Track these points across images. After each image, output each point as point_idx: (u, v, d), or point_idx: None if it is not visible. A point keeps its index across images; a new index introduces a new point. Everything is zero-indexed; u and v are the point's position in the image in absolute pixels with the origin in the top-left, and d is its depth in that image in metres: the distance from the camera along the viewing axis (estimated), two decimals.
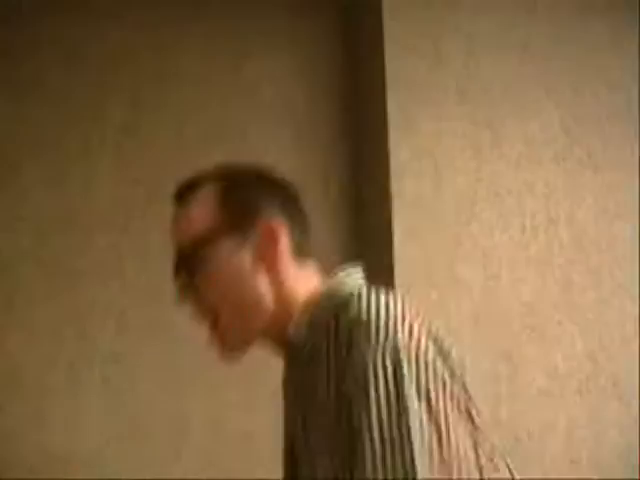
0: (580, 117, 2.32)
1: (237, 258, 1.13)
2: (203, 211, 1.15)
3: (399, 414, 0.95)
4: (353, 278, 1.15)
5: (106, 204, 2.36)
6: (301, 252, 1.17)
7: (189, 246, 1.14)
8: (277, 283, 1.14)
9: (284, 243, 1.14)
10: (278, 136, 2.47)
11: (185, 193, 1.18)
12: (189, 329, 2.26)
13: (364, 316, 1.01)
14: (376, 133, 2.25)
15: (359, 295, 1.05)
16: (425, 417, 0.96)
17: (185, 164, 2.41)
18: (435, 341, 1.02)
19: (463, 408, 1.00)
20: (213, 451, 2.24)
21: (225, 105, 2.47)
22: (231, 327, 1.14)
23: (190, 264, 1.13)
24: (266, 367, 2.28)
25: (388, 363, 0.97)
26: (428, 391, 0.98)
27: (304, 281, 1.15)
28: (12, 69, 2.38)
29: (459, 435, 0.97)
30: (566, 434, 2.08)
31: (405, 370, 0.97)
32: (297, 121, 2.50)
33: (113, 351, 2.27)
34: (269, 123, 2.47)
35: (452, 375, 1.01)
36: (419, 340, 1.00)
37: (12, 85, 2.38)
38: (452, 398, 0.99)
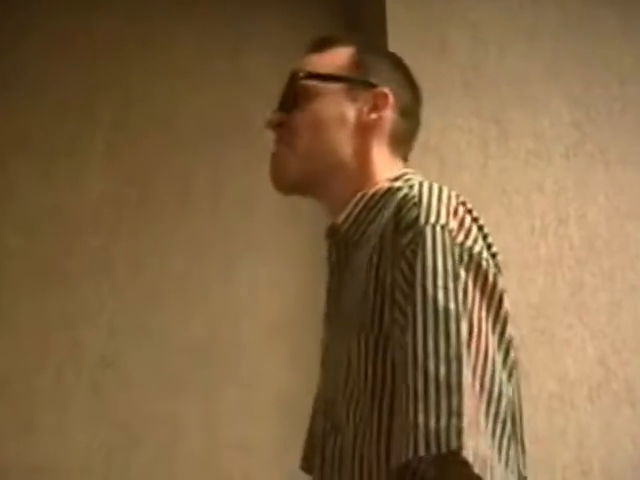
0: (591, 111, 2.26)
1: (343, 108, 1.17)
2: (335, 57, 1.20)
3: (445, 288, 0.94)
4: (416, 178, 1.14)
5: (96, 203, 2.34)
6: (397, 145, 1.19)
7: (309, 78, 1.18)
8: (362, 153, 1.16)
9: (388, 118, 1.17)
10: None
11: (324, 42, 1.23)
12: (181, 332, 2.25)
13: (416, 198, 1.01)
14: None
15: (413, 184, 1.06)
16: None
17: (179, 162, 2.37)
18: (485, 238, 1.02)
19: (502, 314, 0.99)
20: (208, 459, 2.20)
21: (221, 98, 2.41)
22: (298, 153, 1.17)
23: (302, 92, 1.18)
24: (263, 371, 2.25)
25: (438, 240, 0.96)
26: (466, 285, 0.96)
27: (386, 171, 1.15)
28: None
29: (489, 331, 0.96)
30: (577, 443, 2.01)
31: (452, 251, 0.96)
32: None
33: (103, 355, 2.23)
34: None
35: (498, 272, 1.00)
36: (469, 230, 0.99)
37: None
38: (491, 298, 0.98)
